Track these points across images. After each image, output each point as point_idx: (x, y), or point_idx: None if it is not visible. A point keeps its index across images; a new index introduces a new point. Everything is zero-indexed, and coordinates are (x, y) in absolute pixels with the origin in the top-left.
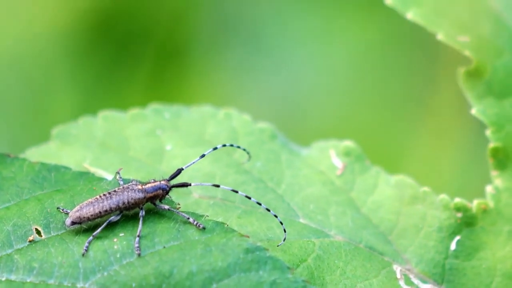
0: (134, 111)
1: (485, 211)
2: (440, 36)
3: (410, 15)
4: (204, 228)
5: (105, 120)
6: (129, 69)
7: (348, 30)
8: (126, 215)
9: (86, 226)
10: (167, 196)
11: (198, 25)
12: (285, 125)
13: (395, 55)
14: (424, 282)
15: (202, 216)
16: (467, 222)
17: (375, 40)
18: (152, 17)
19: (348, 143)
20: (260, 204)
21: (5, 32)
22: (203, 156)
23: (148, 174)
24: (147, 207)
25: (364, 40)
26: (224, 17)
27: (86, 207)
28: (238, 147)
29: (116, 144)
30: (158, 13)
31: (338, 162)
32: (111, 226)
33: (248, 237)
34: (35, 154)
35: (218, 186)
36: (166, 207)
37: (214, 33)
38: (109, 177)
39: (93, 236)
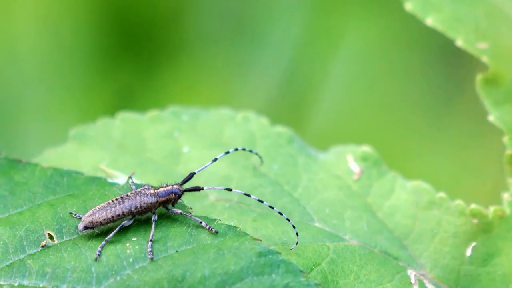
0: (152, 113)
1: (501, 217)
2: (459, 42)
3: (429, 21)
4: (216, 232)
5: (123, 122)
6: (127, 66)
7: (358, 30)
8: (139, 219)
9: (99, 231)
10: (179, 200)
11: (197, 22)
12: (287, 124)
13: (406, 57)
14: (439, 287)
15: (214, 220)
16: (483, 228)
17: (385, 41)
18: (150, 14)
19: (365, 148)
20: (272, 207)
21: (14, 30)
22: (215, 160)
23: (165, 176)
24: (159, 211)
25: (373, 40)
26: (224, 14)
27: (99, 212)
28: (250, 151)
29: (133, 146)
30: (156, 10)
31: (355, 167)
32: (124, 230)
33: (260, 240)
34: (52, 155)
35: (230, 190)
36: (179, 211)
37: (213, 30)
38: (125, 179)
39: (105, 240)
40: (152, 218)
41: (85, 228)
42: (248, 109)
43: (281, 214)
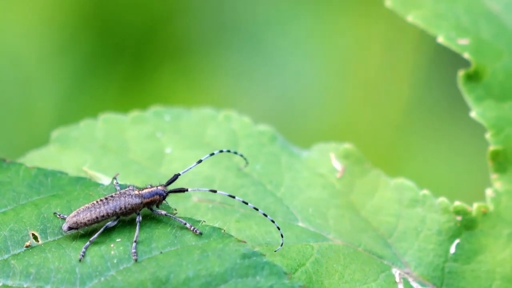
0: (135, 113)
1: (485, 214)
2: (440, 39)
3: (410, 18)
4: (201, 233)
5: (106, 123)
6: (126, 70)
7: (347, 32)
8: (123, 220)
9: (83, 232)
10: (164, 201)
11: (196, 26)
12: (284, 126)
13: (392, 56)
14: (423, 285)
15: (199, 221)
16: (466, 225)
17: (373, 41)
18: (149, 17)
19: (347, 146)
20: (257, 209)
21: (8, 33)
22: (200, 161)
23: (148, 177)
24: (144, 212)
25: (361, 40)
26: (223, 18)
27: (83, 213)
28: (235, 153)
29: (116, 147)
30: (156, 13)
31: (338, 165)
32: (108, 231)
33: (245, 242)
34: (35, 157)
35: (215, 191)
36: (163, 212)
37: (212, 34)
38: (108, 181)
39: (90, 241)
40: (137, 219)
41: (70, 228)
42: (247, 113)
43: (265, 215)
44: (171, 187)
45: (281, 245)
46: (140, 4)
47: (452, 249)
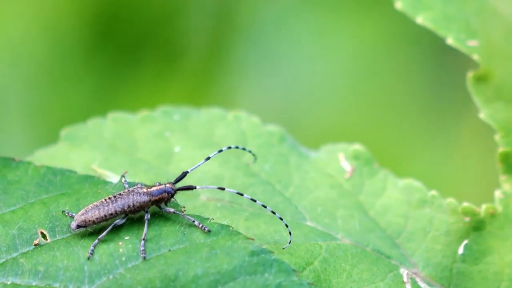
0: (143, 113)
1: (493, 215)
2: (449, 41)
3: (420, 20)
4: (209, 231)
5: (114, 122)
6: (128, 70)
7: (349, 30)
8: (131, 218)
9: (92, 230)
10: (172, 199)
11: (197, 26)
12: (285, 126)
13: (398, 56)
14: (431, 286)
15: (207, 219)
16: (475, 226)
17: (378, 40)
18: (152, 18)
19: (357, 147)
20: (265, 206)
21: (8, 33)
22: (208, 158)
23: (156, 176)
24: (152, 210)
25: (366, 40)
26: (224, 18)
27: (92, 211)
28: (244, 149)
29: (125, 146)
30: (158, 14)
31: (347, 166)
32: (117, 229)
33: (253, 239)
34: (44, 156)
35: (223, 189)
36: (172, 210)
37: (212, 34)
38: (117, 179)
39: (98, 239)
40: (145, 217)
41: (78, 226)
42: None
43: (274, 213)
44: (179, 184)
45: (289, 243)
46: (141, 3)
47: (460, 250)
